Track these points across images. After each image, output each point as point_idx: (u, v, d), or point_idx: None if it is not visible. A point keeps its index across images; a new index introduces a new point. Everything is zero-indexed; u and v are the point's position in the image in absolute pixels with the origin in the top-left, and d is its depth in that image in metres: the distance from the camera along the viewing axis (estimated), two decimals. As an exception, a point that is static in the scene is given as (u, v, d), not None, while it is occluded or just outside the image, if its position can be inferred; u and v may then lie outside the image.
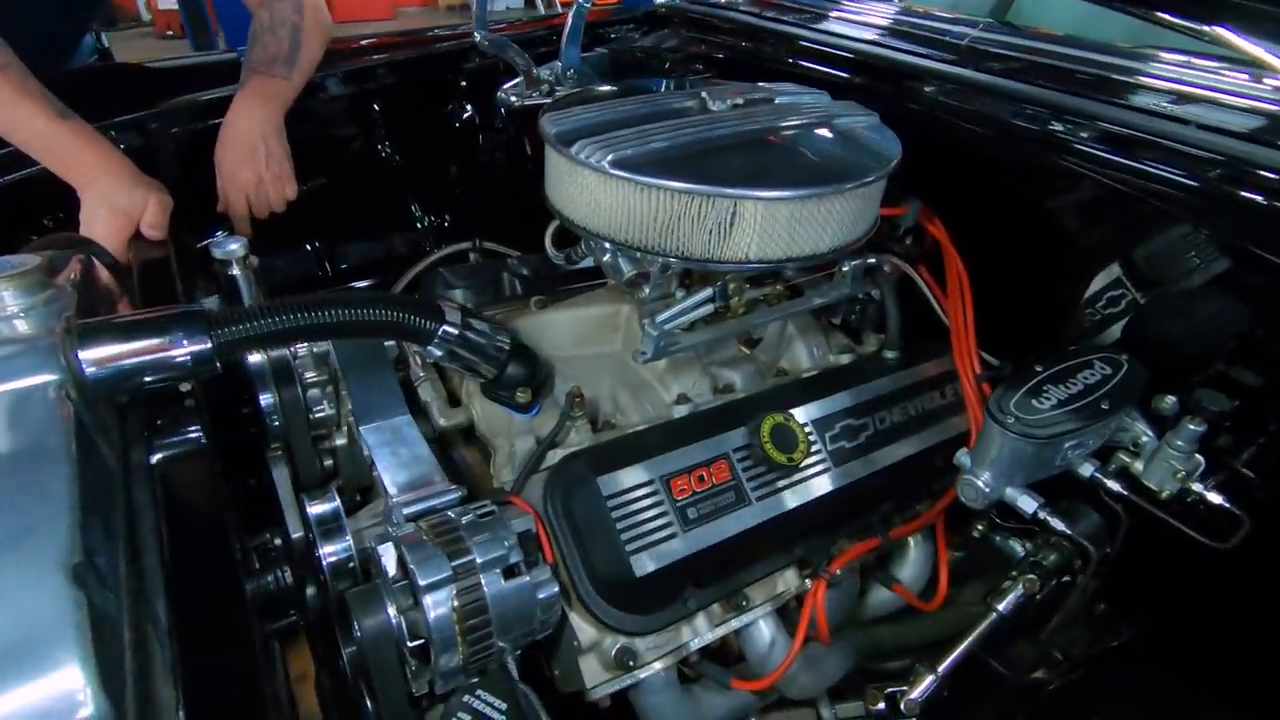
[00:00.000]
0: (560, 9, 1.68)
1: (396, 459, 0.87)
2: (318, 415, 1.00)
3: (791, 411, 0.89)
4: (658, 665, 0.80)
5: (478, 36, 1.46)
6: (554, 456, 0.85)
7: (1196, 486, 0.81)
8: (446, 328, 0.82)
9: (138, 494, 0.66)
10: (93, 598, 0.50)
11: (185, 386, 0.74)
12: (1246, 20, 0.91)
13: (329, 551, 0.86)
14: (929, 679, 0.93)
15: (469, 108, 1.62)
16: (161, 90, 1.30)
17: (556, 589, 0.74)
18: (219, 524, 0.63)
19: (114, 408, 0.71)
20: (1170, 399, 0.84)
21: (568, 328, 1.02)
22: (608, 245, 0.90)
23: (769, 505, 0.84)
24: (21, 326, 0.71)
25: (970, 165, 1.07)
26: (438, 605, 0.69)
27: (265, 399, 0.97)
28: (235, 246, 1.07)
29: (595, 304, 1.03)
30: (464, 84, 1.60)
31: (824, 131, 0.91)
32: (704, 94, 0.94)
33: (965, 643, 0.95)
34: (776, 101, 0.98)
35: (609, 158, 0.79)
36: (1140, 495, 0.84)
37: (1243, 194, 0.84)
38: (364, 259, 1.50)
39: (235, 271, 1.08)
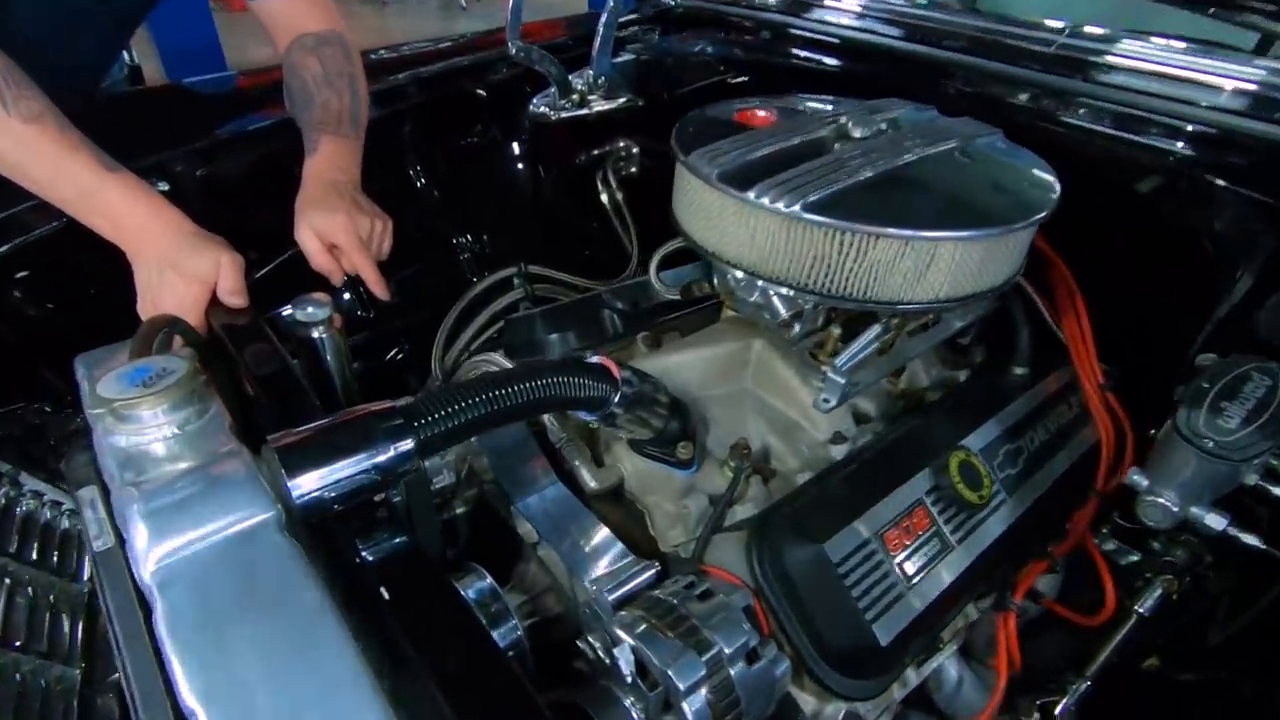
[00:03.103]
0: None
1: (566, 536, 0.81)
2: (437, 485, 0.92)
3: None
4: (876, 724, 0.77)
5: (512, 48, 1.36)
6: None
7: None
8: (624, 389, 0.76)
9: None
10: None
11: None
12: None
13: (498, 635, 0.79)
14: (1083, 685, 0.95)
15: (492, 125, 1.51)
16: (200, 116, 1.18)
17: (788, 664, 0.70)
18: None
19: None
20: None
21: (696, 368, 0.97)
22: (759, 284, 0.85)
23: (968, 547, 0.82)
24: (178, 449, 0.61)
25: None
26: (695, 703, 0.64)
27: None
28: (316, 309, 0.96)
29: (721, 341, 0.98)
30: (486, 96, 1.50)
31: (974, 158, 0.89)
32: (843, 119, 0.90)
33: (1110, 646, 0.98)
34: (901, 122, 0.95)
35: (799, 203, 0.74)
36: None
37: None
38: (406, 292, 1.38)
39: (318, 335, 0.96)
